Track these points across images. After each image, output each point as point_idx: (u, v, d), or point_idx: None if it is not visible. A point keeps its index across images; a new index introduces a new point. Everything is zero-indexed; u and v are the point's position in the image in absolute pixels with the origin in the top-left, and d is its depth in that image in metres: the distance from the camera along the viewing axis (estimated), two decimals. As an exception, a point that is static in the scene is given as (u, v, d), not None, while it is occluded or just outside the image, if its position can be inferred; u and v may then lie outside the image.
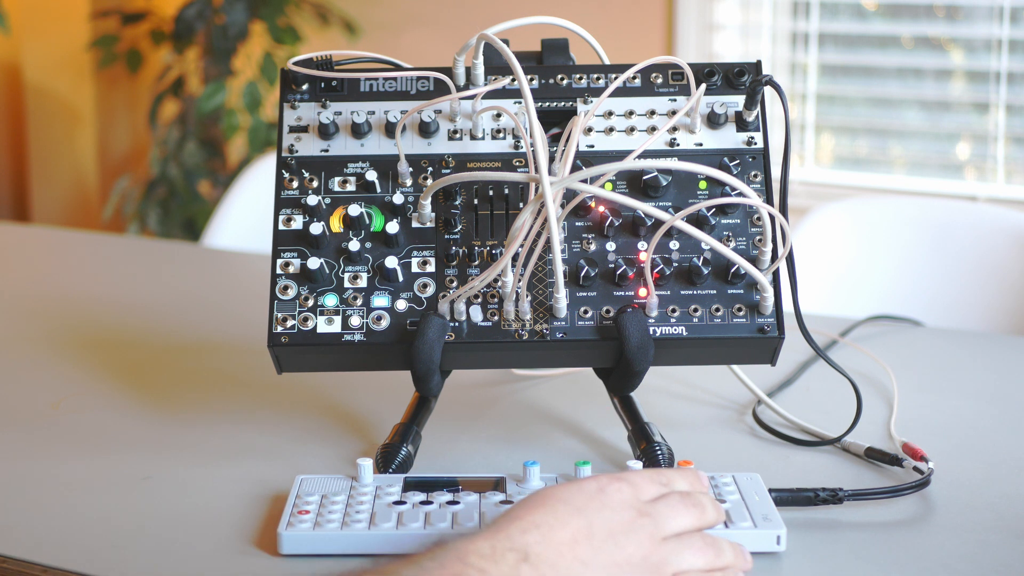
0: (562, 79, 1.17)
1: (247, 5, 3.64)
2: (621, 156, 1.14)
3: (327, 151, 1.16)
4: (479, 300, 1.09)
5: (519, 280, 1.07)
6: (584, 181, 1.04)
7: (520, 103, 1.16)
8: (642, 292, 1.09)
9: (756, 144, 1.14)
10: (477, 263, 1.11)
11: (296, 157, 1.15)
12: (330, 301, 1.10)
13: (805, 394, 1.34)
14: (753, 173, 1.13)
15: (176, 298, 1.78)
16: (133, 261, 2.09)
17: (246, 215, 2.40)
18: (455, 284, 1.10)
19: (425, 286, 1.10)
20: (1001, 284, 1.98)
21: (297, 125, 1.17)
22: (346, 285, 1.10)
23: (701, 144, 1.14)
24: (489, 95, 1.15)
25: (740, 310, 1.09)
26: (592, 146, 1.15)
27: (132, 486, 1.10)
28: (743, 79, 1.16)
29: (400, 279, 1.10)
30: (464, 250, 1.11)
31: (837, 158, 3.35)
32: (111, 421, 1.26)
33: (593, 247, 1.11)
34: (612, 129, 1.15)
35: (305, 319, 1.09)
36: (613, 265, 1.09)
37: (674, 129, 1.15)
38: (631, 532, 0.86)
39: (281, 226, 1.13)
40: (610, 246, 1.11)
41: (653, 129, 1.15)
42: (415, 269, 1.11)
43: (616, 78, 1.15)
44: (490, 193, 1.13)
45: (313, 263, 1.09)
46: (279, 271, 1.11)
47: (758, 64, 1.17)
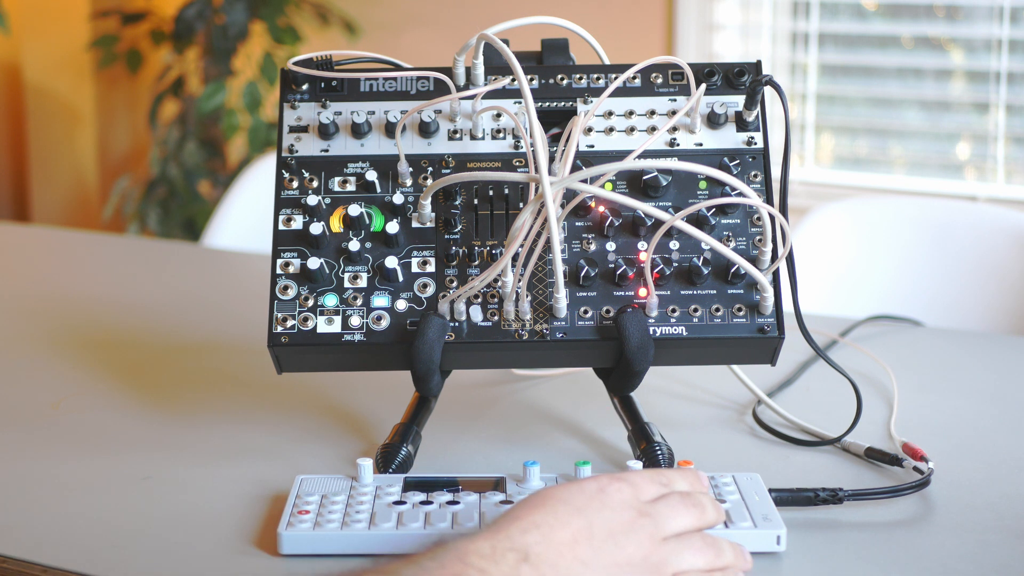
0: (562, 79, 1.17)
1: (247, 5, 3.64)
2: (621, 156, 1.14)
3: (327, 151, 1.16)
4: (479, 300, 1.09)
5: (519, 280, 1.07)
6: (584, 181, 1.04)
7: (520, 103, 1.16)
8: (642, 292, 1.09)
9: (756, 144, 1.14)
10: (477, 263, 1.11)
11: (296, 157, 1.15)
12: (330, 301, 1.10)
13: (805, 394, 1.34)
14: (753, 173, 1.13)
15: (176, 298, 1.78)
16: (133, 261, 2.09)
17: (246, 215, 2.40)
18: (455, 284, 1.10)
19: (425, 286, 1.10)
20: (1001, 284, 1.98)
21: (297, 125, 1.17)
22: (346, 285, 1.10)
23: (701, 144, 1.14)
24: (489, 95, 1.15)
25: (740, 310, 1.09)
26: (592, 146, 1.15)
27: (132, 486, 1.10)
28: (743, 79, 1.16)
29: (400, 279, 1.10)
30: (464, 250, 1.11)
31: (837, 158, 3.35)
32: (111, 421, 1.26)
33: (593, 247, 1.11)
34: (612, 129, 1.15)
35: (305, 319, 1.09)
36: (613, 265, 1.09)
37: (674, 129, 1.15)
38: (631, 532, 0.86)
39: (281, 226, 1.13)
40: (610, 246, 1.11)
41: (653, 129, 1.15)
42: (415, 269, 1.11)
43: (616, 78, 1.15)
44: (490, 193, 1.13)
45: (313, 263, 1.09)
46: (279, 271, 1.11)
47: (758, 64, 1.17)
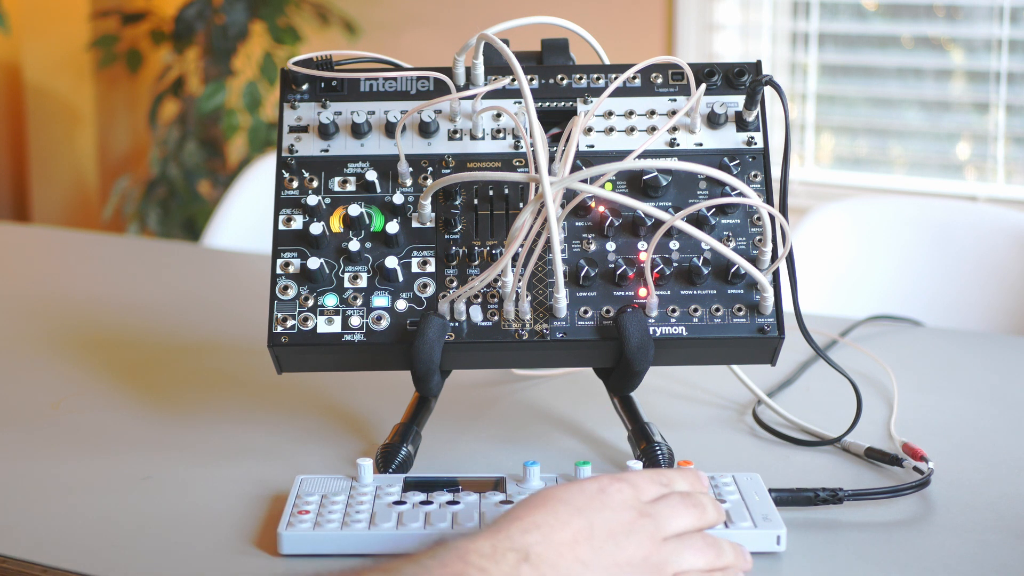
0: (562, 79, 1.17)
1: (247, 5, 3.63)
2: (621, 156, 1.14)
3: (327, 151, 1.16)
4: (479, 300, 1.09)
5: (519, 280, 1.07)
6: (584, 181, 1.04)
7: (520, 103, 1.16)
8: (642, 292, 1.09)
9: (756, 144, 1.14)
10: (477, 263, 1.11)
11: (296, 157, 1.15)
12: (330, 301, 1.10)
13: (805, 394, 1.34)
14: (753, 173, 1.13)
15: (176, 298, 1.78)
16: (133, 261, 2.09)
17: (246, 215, 2.40)
18: (455, 284, 1.10)
19: (425, 286, 1.10)
20: (1001, 284, 1.98)
21: (297, 125, 1.17)
22: (346, 285, 1.10)
23: (701, 144, 1.14)
24: (489, 95, 1.15)
25: (740, 310, 1.09)
26: (592, 146, 1.15)
27: (132, 486, 1.10)
28: (743, 79, 1.16)
29: (400, 279, 1.10)
30: (464, 250, 1.11)
31: (837, 158, 3.34)
32: (111, 421, 1.26)
33: (593, 247, 1.11)
34: (612, 129, 1.15)
35: (305, 319, 1.09)
36: (613, 265, 1.09)
37: (674, 129, 1.15)
38: (632, 532, 0.86)
39: (281, 226, 1.13)
40: (610, 246, 1.11)
41: (653, 129, 1.15)
42: (415, 269, 1.11)
43: (616, 78, 1.15)
44: (490, 193, 1.13)
45: (313, 263, 1.09)
46: (279, 271, 1.11)
47: (758, 64, 1.17)
